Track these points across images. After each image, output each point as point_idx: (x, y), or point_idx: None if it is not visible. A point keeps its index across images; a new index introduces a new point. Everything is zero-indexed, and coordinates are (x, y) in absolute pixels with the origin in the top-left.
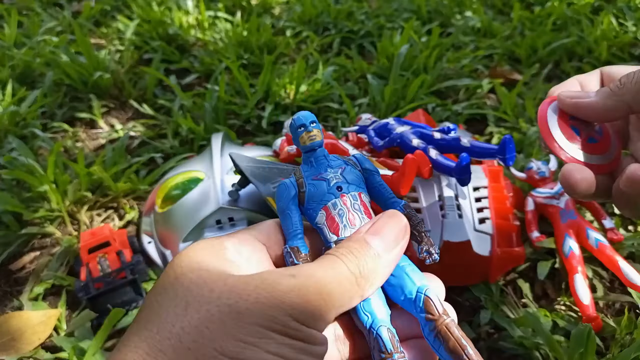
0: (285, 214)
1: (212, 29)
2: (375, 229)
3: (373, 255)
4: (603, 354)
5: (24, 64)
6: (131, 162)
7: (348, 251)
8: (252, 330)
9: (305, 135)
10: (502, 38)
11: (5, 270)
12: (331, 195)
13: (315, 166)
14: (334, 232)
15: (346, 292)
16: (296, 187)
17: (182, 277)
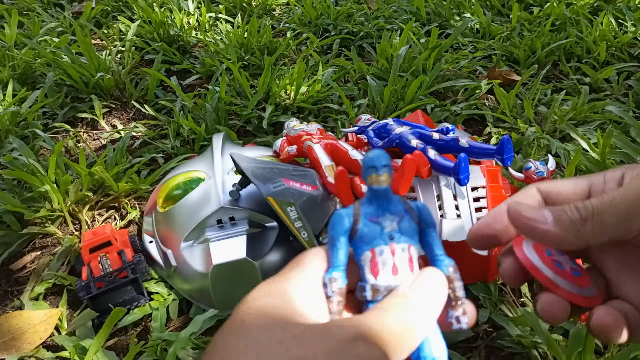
0: (334, 244)
1: (213, 30)
2: (417, 285)
3: (414, 310)
4: (601, 353)
5: (25, 64)
6: (132, 162)
7: (393, 306)
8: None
9: (374, 176)
10: (501, 39)
11: (6, 270)
12: (381, 241)
13: (375, 206)
14: (373, 274)
15: (399, 344)
16: (351, 221)
17: (250, 325)
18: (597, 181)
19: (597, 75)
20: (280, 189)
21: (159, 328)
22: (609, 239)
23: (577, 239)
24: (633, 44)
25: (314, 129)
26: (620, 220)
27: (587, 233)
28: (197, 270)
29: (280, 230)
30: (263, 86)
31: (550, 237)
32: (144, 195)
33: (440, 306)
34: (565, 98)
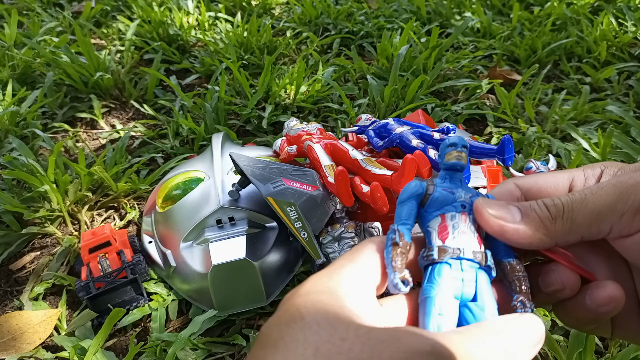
0: (404, 204)
1: (213, 30)
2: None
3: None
4: (602, 353)
5: (25, 64)
6: (132, 162)
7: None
8: None
9: (454, 153)
10: (502, 38)
11: (6, 270)
12: (453, 207)
13: (449, 182)
14: (441, 239)
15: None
16: (424, 189)
17: (309, 318)
18: (578, 177)
19: (598, 75)
20: (280, 189)
21: (158, 328)
22: (580, 238)
23: (546, 238)
24: (633, 44)
25: (314, 129)
26: (592, 220)
27: (556, 232)
28: (197, 270)
29: (280, 230)
30: (263, 86)
31: (520, 236)
32: (143, 195)
33: (532, 355)
34: (566, 98)
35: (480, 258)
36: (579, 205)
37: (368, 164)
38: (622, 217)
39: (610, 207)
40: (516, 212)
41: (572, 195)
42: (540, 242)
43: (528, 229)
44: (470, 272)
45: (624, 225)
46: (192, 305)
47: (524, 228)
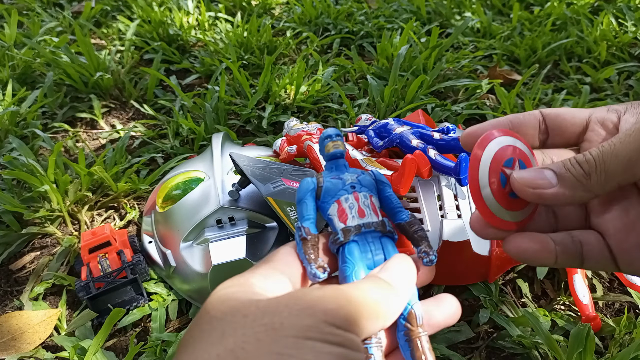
0: (302, 202)
1: (213, 30)
2: (387, 269)
3: (388, 289)
4: (602, 353)
5: (25, 64)
6: (132, 162)
7: (367, 280)
8: (289, 343)
9: (330, 143)
10: (502, 38)
11: (6, 270)
12: (344, 191)
13: (335, 171)
14: (342, 221)
15: (372, 308)
16: (315, 184)
17: (214, 311)
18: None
19: (598, 75)
20: (279, 189)
21: (158, 328)
22: (616, 186)
23: (585, 194)
24: (633, 44)
25: (314, 129)
26: (625, 168)
27: (593, 186)
28: (197, 270)
29: (280, 230)
30: (263, 86)
31: (560, 199)
32: (143, 195)
33: (412, 284)
34: (566, 98)
35: (380, 227)
36: (609, 156)
37: (368, 164)
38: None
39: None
40: (551, 176)
41: (602, 147)
42: (580, 198)
43: (566, 190)
44: (375, 242)
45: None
46: (192, 305)
47: (562, 191)
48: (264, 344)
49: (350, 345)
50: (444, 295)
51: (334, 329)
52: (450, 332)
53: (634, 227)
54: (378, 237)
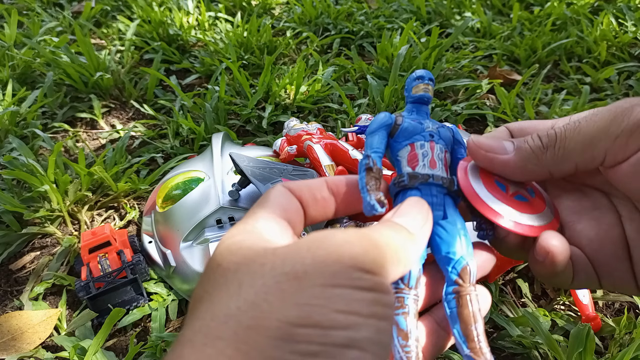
0: (374, 134)
1: (213, 30)
2: (401, 213)
3: (406, 233)
4: (602, 353)
5: (25, 64)
6: (132, 162)
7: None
8: (316, 292)
9: (422, 85)
10: (502, 38)
11: (6, 270)
12: (422, 137)
13: (416, 115)
14: (411, 166)
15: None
16: (393, 120)
17: (226, 262)
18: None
19: (598, 75)
20: None
21: (158, 328)
22: (574, 167)
23: (538, 168)
24: (633, 44)
25: (314, 129)
26: (585, 146)
27: (548, 161)
28: (197, 270)
29: None
30: (263, 86)
31: (510, 167)
32: (143, 195)
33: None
34: (566, 98)
35: (447, 184)
36: (572, 132)
37: None
38: (616, 140)
39: (603, 131)
40: (509, 144)
41: (566, 125)
42: (532, 172)
43: (518, 160)
44: (439, 196)
45: (618, 148)
46: None
47: (514, 159)
48: (288, 295)
49: (381, 288)
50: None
51: (363, 274)
52: None
53: (607, 237)
54: (443, 193)
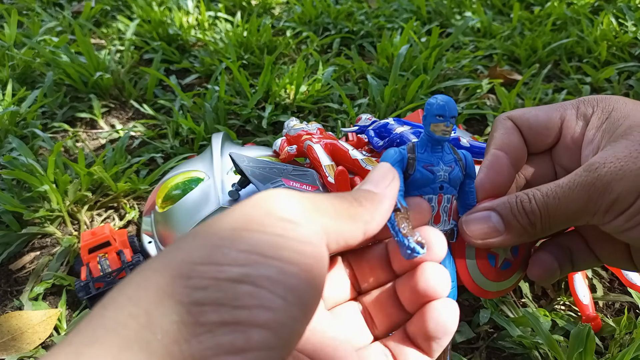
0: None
1: (212, 29)
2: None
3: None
4: (602, 353)
5: (24, 64)
6: (131, 162)
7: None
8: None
9: (442, 126)
10: (502, 38)
11: (6, 270)
12: (431, 189)
13: (430, 153)
14: None
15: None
16: (406, 160)
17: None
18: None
19: (598, 74)
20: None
21: None
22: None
23: (529, 239)
24: (634, 44)
25: (314, 129)
26: (568, 219)
27: (537, 233)
28: None
29: None
30: (263, 85)
31: (505, 245)
32: (143, 195)
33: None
34: (566, 98)
35: (448, 236)
36: (553, 208)
37: (368, 164)
38: (595, 216)
39: (582, 208)
40: (498, 222)
41: (546, 198)
42: (524, 241)
43: (512, 237)
44: None
45: (597, 220)
46: None
47: (509, 238)
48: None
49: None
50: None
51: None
52: None
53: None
54: None
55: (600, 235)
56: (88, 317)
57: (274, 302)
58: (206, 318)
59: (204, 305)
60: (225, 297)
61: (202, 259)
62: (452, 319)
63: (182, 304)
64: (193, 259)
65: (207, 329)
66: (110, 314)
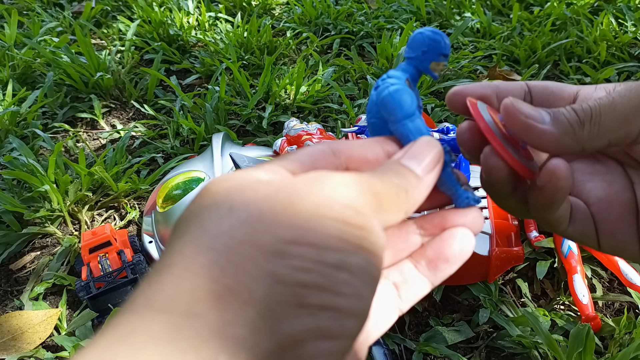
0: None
1: (213, 30)
2: (412, 154)
3: (411, 177)
4: (602, 353)
5: (25, 64)
6: (132, 162)
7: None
8: (310, 218)
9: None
10: (501, 39)
11: (6, 270)
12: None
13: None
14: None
15: (394, 201)
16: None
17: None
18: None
19: (598, 75)
20: None
21: None
22: (607, 143)
23: (574, 143)
24: (633, 44)
25: (314, 129)
26: (621, 124)
27: (584, 137)
28: None
29: None
30: (263, 86)
31: (547, 138)
32: (143, 195)
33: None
34: None
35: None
36: (607, 108)
37: None
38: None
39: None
40: (545, 115)
41: (600, 100)
42: (568, 147)
43: (556, 131)
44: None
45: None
46: None
47: (552, 130)
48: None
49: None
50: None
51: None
52: (450, 332)
53: (617, 199)
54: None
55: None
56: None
57: (364, 292)
58: (309, 301)
59: (308, 288)
60: (327, 283)
61: (295, 239)
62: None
63: (286, 284)
64: (284, 237)
65: (309, 311)
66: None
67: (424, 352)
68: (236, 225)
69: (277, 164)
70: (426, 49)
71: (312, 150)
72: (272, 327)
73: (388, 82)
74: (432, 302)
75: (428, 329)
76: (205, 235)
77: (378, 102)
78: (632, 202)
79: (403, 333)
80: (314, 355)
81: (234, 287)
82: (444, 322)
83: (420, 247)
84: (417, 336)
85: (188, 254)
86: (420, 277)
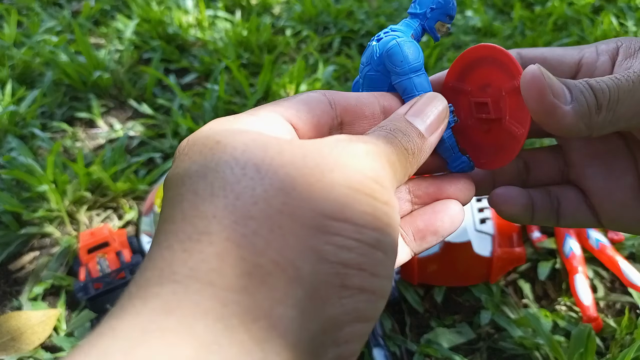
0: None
1: (212, 29)
2: (416, 110)
3: (419, 135)
4: (603, 354)
5: (24, 64)
6: (130, 161)
7: (397, 130)
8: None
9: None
10: (503, 38)
11: (5, 270)
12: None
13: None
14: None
15: (403, 166)
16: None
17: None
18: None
19: None
20: None
21: None
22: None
23: (586, 128)
24: None
25: None
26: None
27: (598, 123)
28: None
29: None
30: (262, 85)
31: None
32: (142, 195)
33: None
34: None
35: None
36: (625, 94)
37: None
38: None
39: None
40: (567, 93)
41: (619, 82)
42: (579, 132)
43: (574, 115)
44: None
45: None
46: None
47: (571, 113)
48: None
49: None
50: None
51: (380, 187)
52: (451, 333)
53: (618, 185)
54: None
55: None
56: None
57: (392, 273)
58: (351, 282)
59: (349, 268)
60: (366, 263)
61: (334, 214)
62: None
63: (330, 263)
64: (323, 210)
65: (350, 293)
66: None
67: (425, 354)
68: (272, 193)
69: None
70: (435, 6)
71: (308, 98)
72: (317, 308)
73: (394, 34)
74: (433, 303)
75: (429, 330)
76: (239, 201)
77: (382, 53)
78: (635, 186)
79: (404, 334)
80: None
81: (281, 262)
82: (445, 324)
83: (410, 214)
84: (418, 338)
85: (226, 222)
86: (404, 246)
